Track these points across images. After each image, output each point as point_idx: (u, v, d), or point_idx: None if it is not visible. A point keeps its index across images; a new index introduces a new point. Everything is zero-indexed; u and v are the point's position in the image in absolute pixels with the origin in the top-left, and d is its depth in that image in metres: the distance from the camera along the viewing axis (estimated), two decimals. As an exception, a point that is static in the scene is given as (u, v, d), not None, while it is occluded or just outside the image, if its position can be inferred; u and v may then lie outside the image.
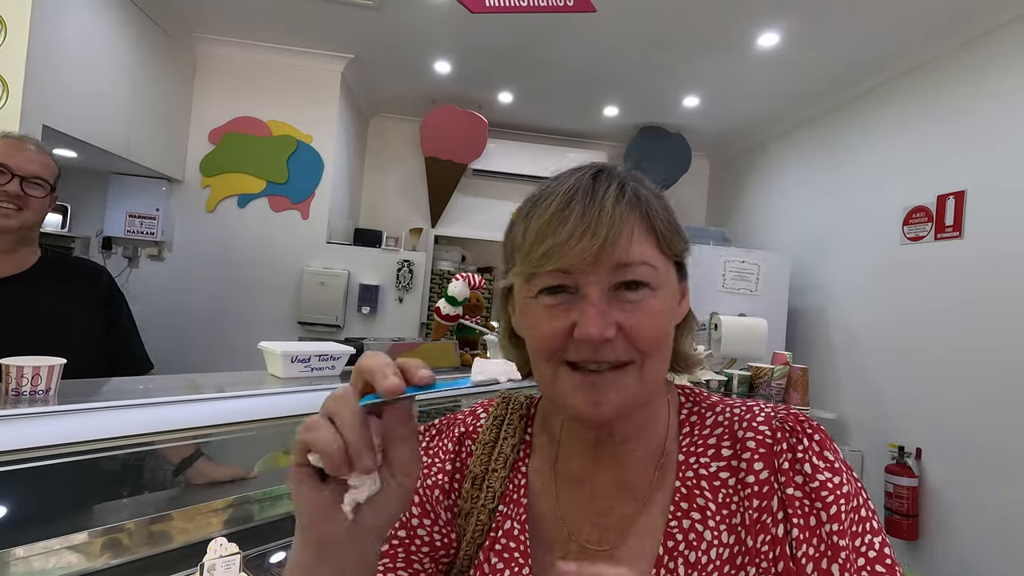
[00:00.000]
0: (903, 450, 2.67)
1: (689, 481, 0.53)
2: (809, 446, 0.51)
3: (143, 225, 3.38)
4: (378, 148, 4.71)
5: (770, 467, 0.51)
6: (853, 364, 3.18)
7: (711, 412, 0.57)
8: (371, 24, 3.11)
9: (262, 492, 1.38)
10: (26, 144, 1.31)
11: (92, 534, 1.11)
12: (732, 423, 0.55)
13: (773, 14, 2.67)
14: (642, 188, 0.51)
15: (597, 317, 0.47)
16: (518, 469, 0.59)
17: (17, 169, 1.25)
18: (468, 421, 0.63)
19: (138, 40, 2.94)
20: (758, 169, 4.38)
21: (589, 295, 0.48)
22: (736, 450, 0.53)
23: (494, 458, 0.59)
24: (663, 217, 0.51)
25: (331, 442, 0.36)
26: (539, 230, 0.49)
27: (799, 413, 0.54)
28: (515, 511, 0.57)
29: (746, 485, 0.51)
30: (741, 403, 0.57)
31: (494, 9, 1.99)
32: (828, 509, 0.48)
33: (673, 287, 0.53)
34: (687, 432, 0.56)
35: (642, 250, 0.49)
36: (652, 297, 0.49)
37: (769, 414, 0.55)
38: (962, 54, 2.66)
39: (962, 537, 2.45)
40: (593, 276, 0.47)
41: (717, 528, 0.51)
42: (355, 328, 3.73)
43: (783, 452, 0.51)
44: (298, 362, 0.99)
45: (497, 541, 0.55)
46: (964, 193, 2.58)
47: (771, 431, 0.52)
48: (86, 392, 0.74)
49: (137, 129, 2.99)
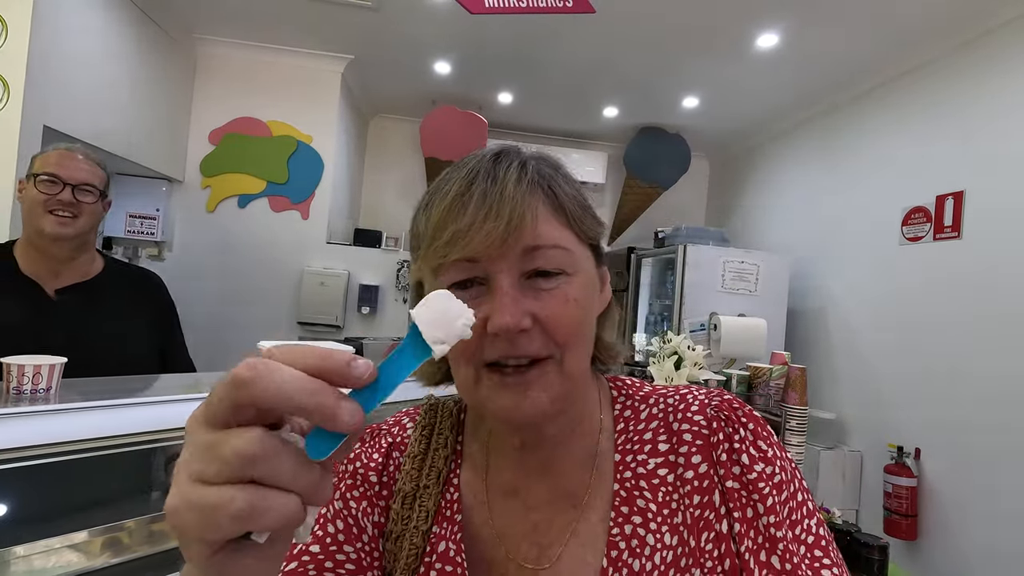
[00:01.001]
0: (902, 450, 2.68)
1: (628, 482, 0.50)
2: (744, 436, 0.49)
3: (143, 225, 3.38)
4: (378, 148, 4.72)
5: (708, 460, 0.48)
6: (852, 364, 3.19)
7: (644, 404, 0.54)
8: (371, 25, 3.12)
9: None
10: (75, 153, 1.34)
11: (92, 533, 1.12)
12: (667, 415, 0.52)
13: (772, 15, 2.68)
14: (546, 167, 0.49)
15: (510, 305, 0.43)
16: (450, 482, 0.54)
17: (68, 178, 1.28)
18: (395, 431, 0.58)
19: (139, 41, 2.94)
20: (757, 169, 4.39)
21: (500, 284, 0.44)
22: (673, 444, 0.50)
23: (425, 473, 0.53)
24: (571, 195, 0.48)
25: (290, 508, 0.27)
26: (440, 218, 0.45)
27: (732, 399, 0.52)
28: (449, 530, 0.52)
29: (685, 481, 0.48)
30: (675, 391, 0.54)
31: (493, 10, 2.00)
32: (764, 501, 0.46)
33: (590, 273, 0.49)
34: (622, 428, 0.53)
35: (550, 231, 0.45)
36: (568, 284, 0.46)
37: (703, 402, 0.52)
38: (961, 55, 2.67)
39: (961, 537, 2.46)
40: (502, 263, 0.44)
41: (659, 530, 0.48)
42: (355, 328, 3.73)
43: (720, 443, 0.49)
44: (298, 361, 0.99)
45: (432, 567, 0.50)
46: (963, 194, 2.58)
47: (706, 420, 0.50)
48: (87, 391, 0.74)
49: (137, 129, 3.00)
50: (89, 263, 1.40)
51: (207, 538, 0.26)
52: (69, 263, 1.35)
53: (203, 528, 0.26)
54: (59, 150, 1.32)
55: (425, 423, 0.57)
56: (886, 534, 2.64)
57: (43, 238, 1.29)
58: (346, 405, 0.27)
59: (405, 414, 0.60)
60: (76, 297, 1.34)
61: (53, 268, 1.33)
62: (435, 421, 0.57)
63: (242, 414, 0.27)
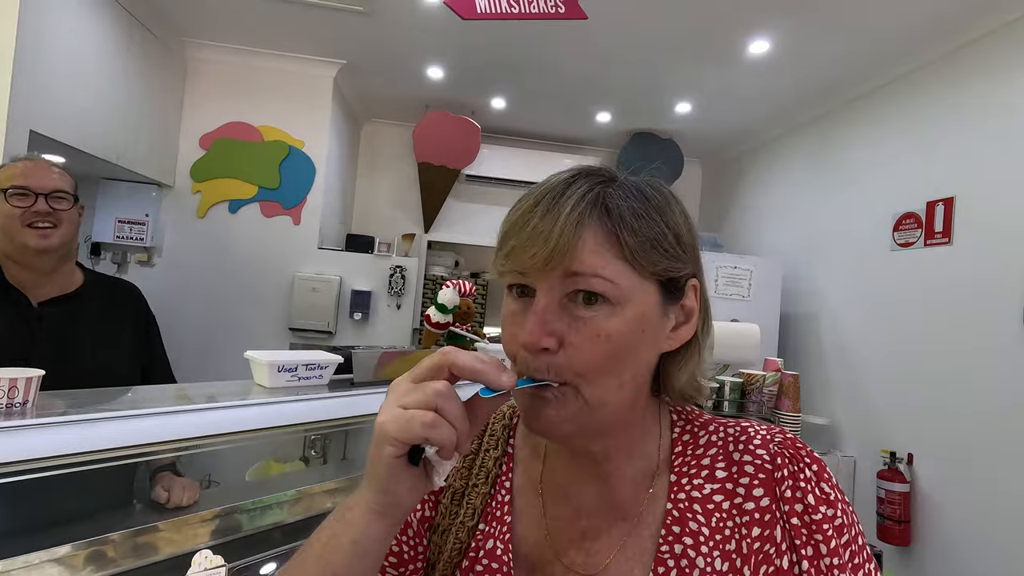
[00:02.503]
0: (895, 455, 2.68)
1: (681, 503, 0.51)
2: (810, 477, 0.49)
3: (133, 231, 3.35)
4: (371, 153, 4.70)
5: (771, 494, 0.49)
6: (845, 370, 3.19)
7: (704, 431, 0.55)
8: (363, 30, 3.11)
9: (251, 502, 1.36)
10: (40, 162, 1.32)
11: (76, 547, 1.09)
12: (727, 443, 0.53)
13: (764, 21, 2.69)
14: (620, 194, 0.47)
15: (535, 324, 0.45)
16: (501, 484, 0.57)
17: (39, 188, 1.25)
18: None
19: (128, 45, 2.92)
20: (750, 175, 4.41)
21: (538, 301, 0.46)
22: (732, 473, 0.51)
23: (475, 473, 0.57)
24: (636, 228, 0.46)
25: (451, 435, 0.41)
26: (507, 230, 0.48)
27: (795, 438, 0.52)
28: (498, 529, 0.54)
29: (743, 512, 0.49)
30: (735, 423, 0.55)
31: (485, 15, 1.99)
32: (828, 543, 0.47)
33: (645, 308, 0.47)
34: (679, 451, 0.54)
35: (595, 260, 0.45)
36: (608, 316, 0.45)
37: (765, 437, 0.52)
38: (950, 61, 2.69)
39: (954, 542, 2.46)
40: (545, 282, 0.46)
41: (710, 554, 0.48)
42: (347, 334, 3.71)
43: (784, 479, 0.49)
44: (285, 371, 0.98)
45: (478, 561, 0.53)
46: (953, 200, 2.60)
47: (770, 456, 0.51)
48: (66, 404, 0.72)
49: (127, 135, 2.97)
50: (70, 275, 1.38)
51: (401, 438, 0.41)
52: (52, 275, 1.32)
53: (402, 432, 0.40)
54: (23, 161, 1.29)
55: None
56: (880, 540, 2.64)
57: (27, 252, 1.26)
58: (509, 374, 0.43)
59: None
60: (60, 309, 1.32)
61: (36, 280, 1.31)
62: (488, 422, 0.60)
63: (439, 374, 0.42)
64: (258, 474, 1.77)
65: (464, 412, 0.42)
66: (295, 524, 1.39)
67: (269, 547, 1.30)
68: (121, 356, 1.40)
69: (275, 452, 1.90)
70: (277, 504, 1.41)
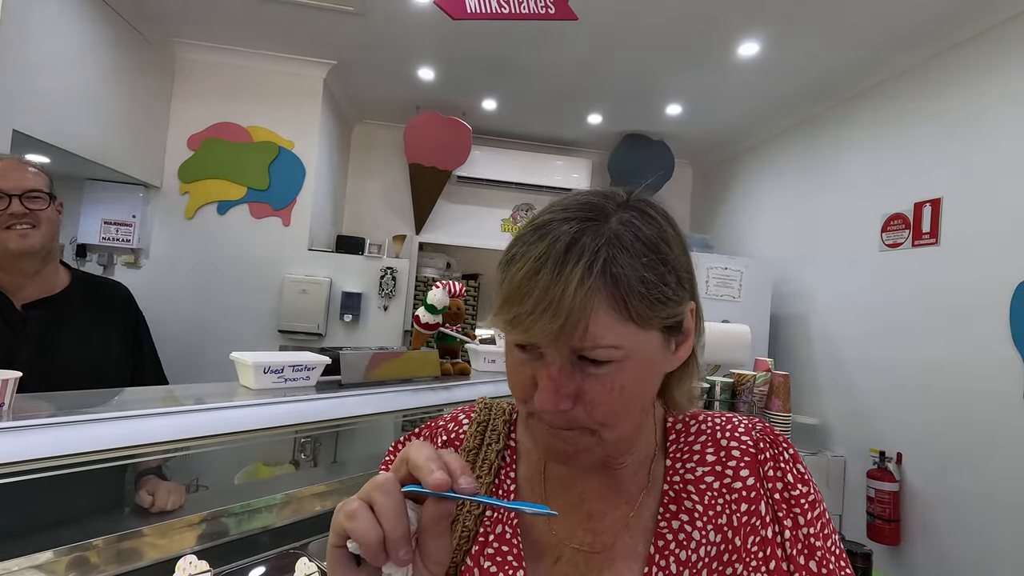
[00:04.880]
0: (884, 455, 2.70)
1: (676, 485, 0.57)
2: (787, 459, 0.57)
3: (119, 232, 3.31)
4: (362, 155, 4.68)
5: (755, 474, 0.56)
6: (834, 370, 3.21)
7: (695, 421, 0.61)
8: (354, 30, 3.09)
9: (238, 506, 1.34)
10: (9, 161, 1.28)
11: (58, 552, 1.07)
12: (715, 432, 0.59)
13: (753, 24, 2.71)
14: (626, 255, 0.45)
15: (551, 391, 0.46)
16: (506, 475, 0.60)
17: (12, 189, 1.22)
18: (450, 428, 0.64)
19: (115, 45, 2.89)
20: (740, 176, 4.43)
21: (549, 365, 0.47)
22: (720, 456, 0.57)
23: (478, 465, 0.60)
24: (643, 293, 0.45)
25: (370, 532, 0.38)
26: (507, 295, 0.47)
27: (771, 427, 0.60)
28: (506, 515, 0.58)
29: (732, 490, 0.55)
30: (720, 414, 0.62)
31: (475, 15, 1.99)
32: (805, 515, 0.54)
33: (649, 350, 0.49)
34: (673, 439, 0.60)
35: (605, 332, 0.45)
36: (618, 372, 0.47)
37: (748, 426, 0.60)
38: (937, 64, 2.72)
39: (943, 541, 2.48)
40: (555, 350, 0.46)
41: (704, 528, 0.54)
42: (337, 336, 3.68)
43: (767, 460, 0.57)
44: (271, 373, 0.96)
45: (488, 545, 0.56)
46: (940, 200, 2.62)
47: (752, 441, 0.58)
48: (46, 407, 0.71)
49: (113, 134, 2.93)
50: (54, 275, 1.35)
51: (333, 528, 0.40)
52: (35, 277, 1.30)
53: (334, 520, 0.40)
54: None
55: (480, 419, 0.63)
56: (869, 539, 2.66)
57: (8, 255, 1.23)
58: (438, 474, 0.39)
59: (461, 411, 0.66)
60: (44, 312, 1.29)
61: (19, 283, 1.28)
62: (489, 418, 0.63)
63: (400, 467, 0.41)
64: (248, 477, 1.75)
65: (398, 511, 0.39)
66: (283, 528, 1.37)
67: (257, 551, 1.28)
68: (108, 358, 1.38)
69: (265, 455, 1.87)
70: (265, 508, 1.39)
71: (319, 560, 1.23)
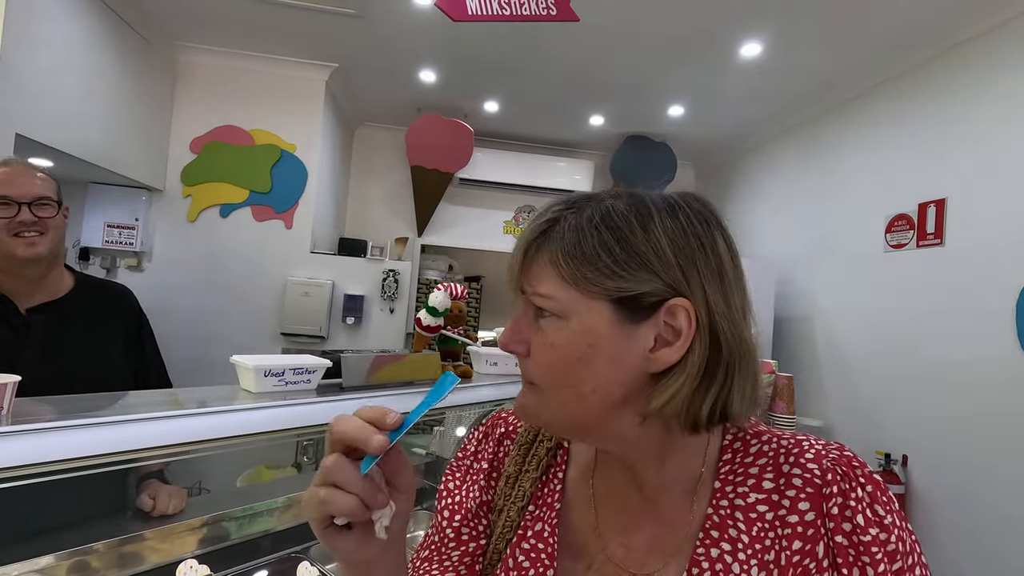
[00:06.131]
0: (889, 457, 2.68)
1: (723, 510, 0.52)
2: (861, 497, 0.48)
3: (122, 235, 3.31)
4: (363, 157, 4.68)
5: (817, 510, 0.48)
6: (839, 371, 3.20)
7: (757, 440, 0.55)
8: (355, 33, 3.10)
9: (240, 510, 1.34)
10: (19, 168, 1.27)
11: (59, 557, 1.07)
12: (778, 455, 0.53)
13: (755, 24, 2.70)
14: (573, 221, 0.49)
15: (508, 330, 0.53)
16: (554, 475, 0.62)
17: (21, 196, 1.21)
18: (510, 420, 0.67)
19: (117, 49, 2.90)
20: (743, 177, 4.42)
21: (517, 310, 0.53)
22: (779, 484, 0.51)
23: (528, 460, 0.62)
24: (570, 252, 0.48)
25: (348, 503, 0.43)
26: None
27: (852, 456, 0.51)
28: (547, 514, 0.59)
29: (787, 524, 0.49)
30: (791, 436, 0.55)
31: (476, 18, 1.99)
32: (876, 567, 0.46)
33: (601, 326, 0.48)
34: (728, 459, 0.54)
35: (541, 281, 0.50)
36: (554, 328, 0.49)
37: (819, 452, 0.52)
38: (941, 63, 2.71)
39: (948, 543, 2.46)
40: (519, 297, 0.53)
41: (747, 562, 0.49)
42: (340, 339, 3.68)
43: (833, 496, 0.48)
44: (272, 376, 0.96)
45: (525, 539, 0.58)
46: (944, 201, 2.61)
47: (821, 471, 0.50)
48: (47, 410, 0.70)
49: (116, 138, 2.94)
50: (59, 280, 1.35)
51: (313, 517, 0.44)
52: (40, 281, 1.30)
53: (308, 511, 0.44)
54: (2, 168, 1.25)
55: None
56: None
57: (14, 262, 1.23)
58: (376, 438, 0.43)
59: None
60: (48, 316, 1.29)
61: (23, 287, 1.28)
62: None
63: (333, 448, 0.44)
64: (249, 480, 1.74)
65: (358, 477, 0.43)
66: (284, 532, 1.37)
67: (258, 555, 1.28)
68: (111, 361, 1.38)
69: (266, 458, 1.87)
70: (267, 511, 1.39)
71: (321, 564, 1.23)
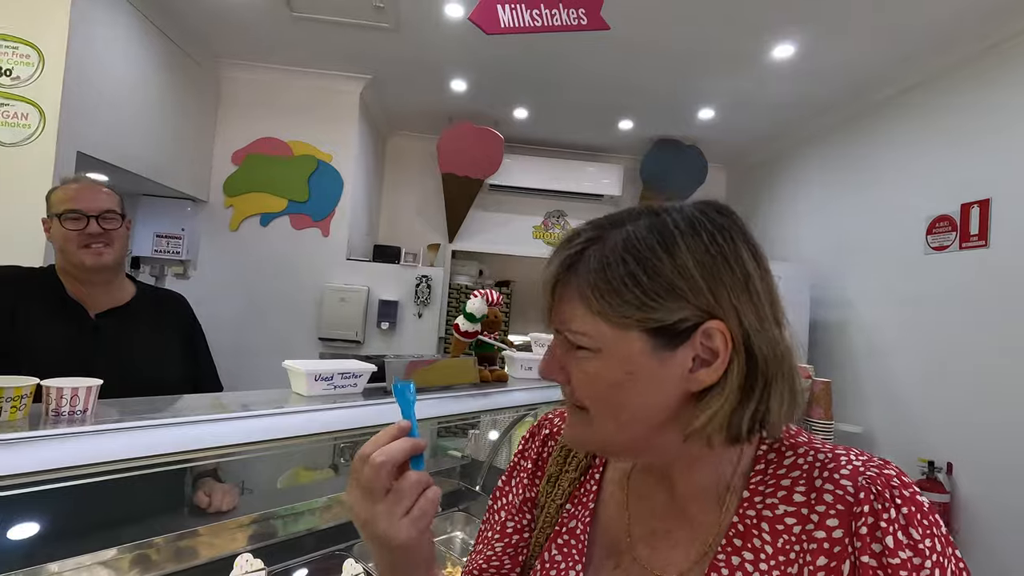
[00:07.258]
0: (933, 465, 2.60)
1: (748, 519, 0.51)
2: (895, 518, 0.46)
3: (169, 244, 3.47)
4: (396, 166, 4.79)
5: (846, 527, 0.47)
6: (878, 377, 3.12)
7: (792, 452, 0.54)
8: (389, 45, 3.18)
9: (285, 508, 1.40)
10: (88, 184, 1.39)
11: (122, 550, 1.14)
12: (812, 468, 0.51)
13: (787, 26, 2.67)
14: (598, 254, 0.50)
15: (546, 359, 0.55)
16: (592, 475, 0.64)
17: (90, 210, 1.33)
18: (555, 422, 0.71)
19: (166, 67, 3.04)
20: (776, 180, 4.35)
21: (553, 340, 0.56)
22: (810, 498, 0.50)
23: (568, 460, 0.66)
24: (598, 286, 0.49)
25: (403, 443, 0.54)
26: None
27: (894, 475, 0.49)
28: (581, 512, 0.62)
29: (813, 539, 0.48)
30: (830, 449, 0.53)
31: (509, 30, 2.03)
32: None
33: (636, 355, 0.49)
34: (760, 469, 0.53)
35: (571, 318, 0.52)
36: (590, 359, 0.51)
37: (857, 468, 0.50)
38: (982, 59, 2.63)
39: (996, 554, 2.37)
40: (553, 330, 0.55)
41: (769, 573, 0.48)
42: (375, 343, 3.76)
43: (863, 515, 0.46)
44: (322, 380, 1.01)
45: (560, 535, 0.62)
46: (989, 201, 2.53)
47: (854, 488, 0.48)
48: (121, 412, 0.77)
49: (164, 152, 3.09)
50: (122, 287, 1.45)
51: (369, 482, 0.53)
52: (106, 288, 1.40)
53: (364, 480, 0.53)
54: (72, 185, 1.37)
55: None
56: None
57: (84, 271, 1.34)
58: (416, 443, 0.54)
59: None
60: (115, 321, 1.39)
61: (92, 294, 1.38)
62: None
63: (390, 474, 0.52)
64: (289, 481, 1.81)
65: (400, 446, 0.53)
66: (327, 530, 1.42)
67: (302, 552, 1.33)
68: (170, 364, 1.47)
69: (306, 460, 1.94)
70: (309, 511, 1.45)
71: (364, 561, 1.28)
